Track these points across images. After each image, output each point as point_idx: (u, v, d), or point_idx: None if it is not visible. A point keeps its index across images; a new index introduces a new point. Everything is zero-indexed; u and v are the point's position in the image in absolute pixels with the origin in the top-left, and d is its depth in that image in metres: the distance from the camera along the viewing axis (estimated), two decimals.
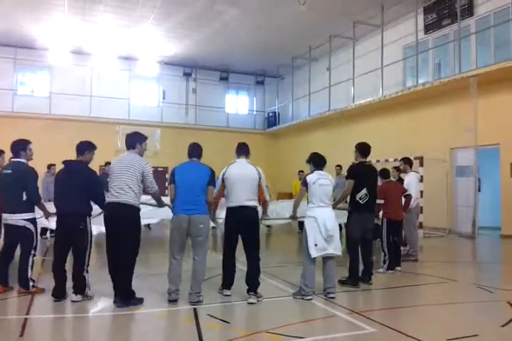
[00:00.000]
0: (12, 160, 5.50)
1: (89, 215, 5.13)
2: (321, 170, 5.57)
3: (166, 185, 5.61)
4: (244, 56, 19.34)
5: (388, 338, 3.99)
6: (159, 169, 18.90)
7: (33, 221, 5.38)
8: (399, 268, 7.02)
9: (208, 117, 21.32)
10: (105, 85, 19.32)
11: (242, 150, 5.51)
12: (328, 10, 14.20)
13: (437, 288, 6.10)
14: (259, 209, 5.48)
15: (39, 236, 5.77)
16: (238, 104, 22.89)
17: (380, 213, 6.98)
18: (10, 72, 18.39)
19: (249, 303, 5.03)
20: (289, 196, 16.00)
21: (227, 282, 5.36)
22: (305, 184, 5.48)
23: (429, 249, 10.14)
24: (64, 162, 5.29)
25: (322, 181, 5.43)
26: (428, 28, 13.74)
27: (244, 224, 5.25)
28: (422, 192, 11.82)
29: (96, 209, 5.30)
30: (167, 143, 18.69)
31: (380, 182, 7.12)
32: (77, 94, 18.75)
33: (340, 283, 5.87)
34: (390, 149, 13.99)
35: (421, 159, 11.93)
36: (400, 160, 8.81)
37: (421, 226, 11.80)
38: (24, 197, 5.26)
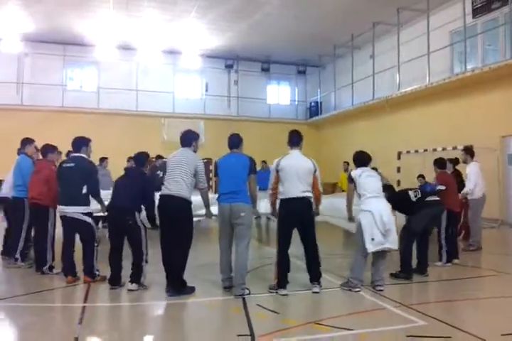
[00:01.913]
0: (73, 155, 5.75)
1: (139, 211, 5.34)
2: (366, 166, 5.56)
3: (210, 176, 5.75)
4: (285, 46, 19.20)
5: (439, 332, 3.94)
6: (203, 160, 19.14)
7: (90, 214, 5.63)
8: (456, 261, 6.89)
9: (250, 108, 21.39)
10: (150, 79, 19.70)
11: (295, 139, 5.44)
12: None
13: (491, 281, 5.98)
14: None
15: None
16: (280, 95, 22.81)
17: None
18: (59, 69, 19.03)
19: (314, 292, 5.13)
20: (333, 186, 15.94)
21: (284, 280, 5.18)
22: (351, 180, 5.46)
23: (482, 240, 9.90)
24: (125, 169, 5.89)
25: (368, 173, 5.41)
26: (476, 12, 13.20)
27: (301, 216, 5.22)
28: None
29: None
30: (210, 134, 18.88)
31: (435, 171, 7.04)
32: (124, 89, 19.22)
33: (392, 276, 5.82)
34: (437, 138, 13.67)
35: (472, 147, 11.60)
36: (462, 150, 8.64)
37: None
38: (84, 190, 5.50)
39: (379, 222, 5.11)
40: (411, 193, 6.06)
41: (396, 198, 5.88)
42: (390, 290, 5.28)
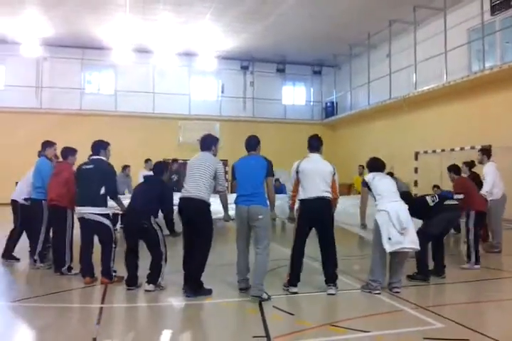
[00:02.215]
0: (92, 157, 5.84)
1: (155, 215, 5.42)
2: (380, 172, 5.53)
3: (227, 177, 5.74)
4: (301, 47, 19.18)
5: (457, 334, 3.89)
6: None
7: (108, 216, 5.71)
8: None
9: (266, 109, 21.40)
10: (166, 81, 19.88)
11: (315, 144, 5.44)
12: None
13: (510, 283, 5.88)
14: None
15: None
16: (295, 95, 22.79)
17: None
18: (77, 72, 19.35)
19: (329, 294, 5.10)
20: (349, 188, 15.83)
21: (295, 279, 5.23)
22: (365, 184, 5.44)
23: (503, 241, 9.73)
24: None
25: (381, 176, 5.41)
26: (494, 9, 13.00)
27: (321, 215, 5.23)
28: None
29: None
30: (226, 136, 18.91)
31: (451, 178, 6.96)
32: (141, 91, 19.42)
33: (410, 278, 5.76)
34: (455, 138, 13.50)
35: (489, 147, 11.42)
36: (478, 150, 8.49)
37: None
38: (102, 191, 5.58)
39: (395, 221, 5.03)
40: (428, 198, 6.01)
41: (414, 205, 5.81)
42: (407, 292, 5.23)
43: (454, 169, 7.04)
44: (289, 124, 21.05)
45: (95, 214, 5.55)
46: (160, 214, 5.51)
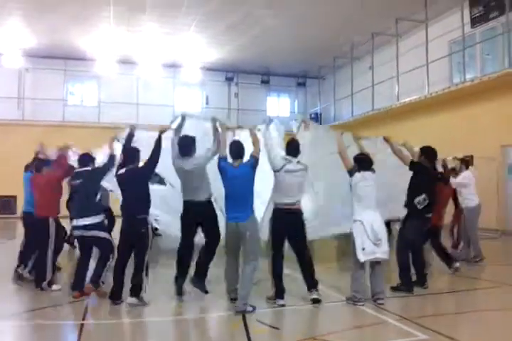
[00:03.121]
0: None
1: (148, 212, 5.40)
2: (367, 171, 5.45)
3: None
4: (285, 58, 19.32)
5: None
6: None
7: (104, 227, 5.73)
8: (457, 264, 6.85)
9: (251, 120, 21.31)
10: (151, 92, 19.79)
11: (293, 148, 5.39)
12: (369, 8, 13.97)
13: (493, 293, 5.89)
14: None
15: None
16: (280, 107, 22.89)
17: None
18: (60, 83, 19.19)
19: (313, 299, 5.11)
20: None
21: (281, 290, 5.16)
22: (351, 174, 5.42)
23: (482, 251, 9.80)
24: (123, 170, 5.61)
25: (366, 183, 5.36)
26: (474, 22, 13.26)
27: (294, 224, 5.27)
28: None
29: None
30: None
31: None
32: (125, 103, 19.29)
33: (393, 290, 5.73)
34: (438, 148, 13.54)
35: (471, 158, 11.55)
36: (458, 159, 8.44)
37: None
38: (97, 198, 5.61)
39: (370, 232, 5.09)
40: (419, 199, 5.86)
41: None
42: (391, 304, 5.20)
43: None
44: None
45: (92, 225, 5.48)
46: None
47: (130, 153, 5.54)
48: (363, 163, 5.51)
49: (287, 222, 5.20)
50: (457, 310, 5.03)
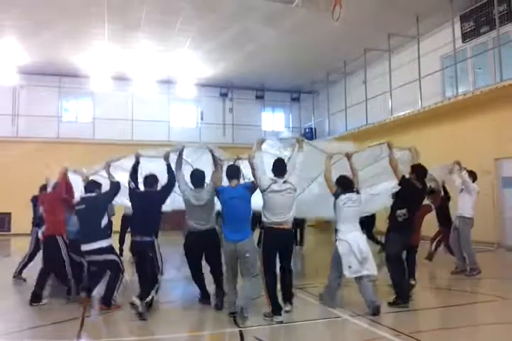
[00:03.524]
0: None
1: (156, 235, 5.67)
2: (350, 192, 5.54)
3: None
4: (279, 74, 19.49)
5: None
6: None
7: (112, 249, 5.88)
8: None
9: (246, 135, 21.42)
10: (146, 109, 19.85)
11: (280, 169, 5.42)
12: (361, 23, 14.13)
13: (489, 307, 5.85)
14: None
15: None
16: (274, 121, 23.00)
17: None
18: (55, 100, 19.19)
19: (286, 312, 5.20)
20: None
21: (278, 307, 5.12)
22: (336, 197, 5.53)
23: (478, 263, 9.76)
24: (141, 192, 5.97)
25: (350, 204, 5.48)
26: (465, 37, 13.45)
27: (283, 242, 5.35)
28: None
29: None
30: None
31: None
32: (120, 119, 19.30)
33: (391, 305, 5.64)
34: (431, 161, 13.56)
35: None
36: (467, 171, 8.35)
37: None
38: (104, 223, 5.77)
39: (356, 250, 5.28)
40: (399, 212, 5.86)
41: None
42: (389, 319, 5.16)
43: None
44: None
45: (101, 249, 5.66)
46: None
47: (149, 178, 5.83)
48: (346, 184, 5.61)
49: (277, 240, 5.26)
50: (454, 325, 4.97)
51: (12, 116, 18.51)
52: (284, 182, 5.30)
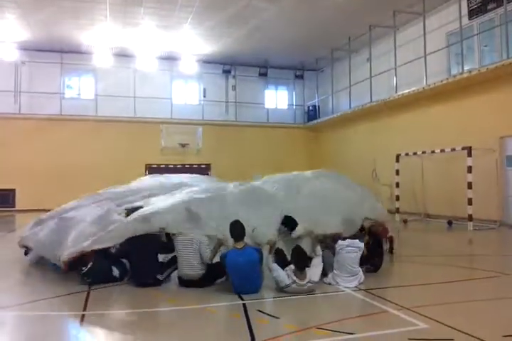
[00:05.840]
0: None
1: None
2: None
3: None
4: (283, 51, 19.27)
5: (441, 334, 3.91)
6: (202, 166, 19.20)
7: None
8: None
9: (248, 113, 21.41)
10: (148, 86, 19.76)
11: (238, 231, 5.32)
12: (366, 0, 13.93)
13: (490, 283, 5.93)
14: None
15: None
16: (278, 99, 22.86)
17: None
18: (57, 77, 19.08)
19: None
20: None
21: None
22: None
23: (480, 241, 9.86)
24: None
25: (349, 248, 5.63)
26: (472, 14, 13.23)
27: None
28: (470, 183, 11.56)
29: None
30: (209, 140, 18.96)
31: None
32: (122, 96, 19.25)
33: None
34: (436, 140, 13.64)
35: (469, 149, 11.59)
36: None
37: (470, 218, 11.49)
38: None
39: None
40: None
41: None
42: (390, 293, 5.26)
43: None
44: (271, 128, 21.10)
45: None
46: None
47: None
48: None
49: None
50: (457, 300, 5.05)
51: (14, 92, 18.45)
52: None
